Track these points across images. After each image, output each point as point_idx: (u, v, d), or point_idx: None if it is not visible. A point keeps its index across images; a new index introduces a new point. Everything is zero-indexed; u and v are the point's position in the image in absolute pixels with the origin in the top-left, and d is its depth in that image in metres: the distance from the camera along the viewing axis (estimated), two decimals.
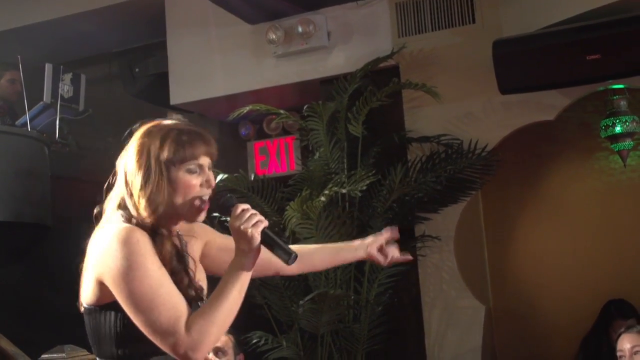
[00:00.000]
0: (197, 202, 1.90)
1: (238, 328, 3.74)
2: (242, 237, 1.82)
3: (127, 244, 1.77)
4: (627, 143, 4.74)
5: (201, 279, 1.99)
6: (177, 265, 1.87)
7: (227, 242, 2.04)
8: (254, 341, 4.41)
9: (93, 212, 2.00)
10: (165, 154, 1.87)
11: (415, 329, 4.81)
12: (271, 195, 4.68)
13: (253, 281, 4.72)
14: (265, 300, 4.62)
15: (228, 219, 1.85)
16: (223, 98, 5.51)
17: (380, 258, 2.32)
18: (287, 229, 4.24)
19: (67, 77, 5.87)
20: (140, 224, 1.84)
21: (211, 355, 3.38)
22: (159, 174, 1.86)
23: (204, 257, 2.10)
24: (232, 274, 1.82)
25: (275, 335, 4.53)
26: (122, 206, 1.89)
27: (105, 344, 1.85)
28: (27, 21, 5.98)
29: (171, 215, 1.90)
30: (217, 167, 4.81)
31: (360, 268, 4.58)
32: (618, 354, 3.06)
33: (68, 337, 3.67)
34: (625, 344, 3.02)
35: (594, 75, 4.20)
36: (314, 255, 2.30)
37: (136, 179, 1.87)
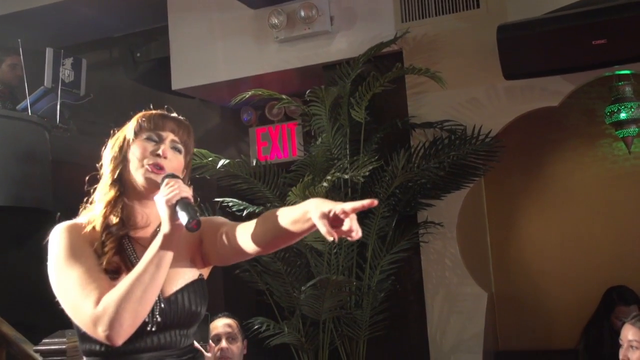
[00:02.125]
0: (146, 167, 1.90)
1: (240, 314, 3.75)
2: (161, 209, 1.80)
3: (52, 239, 1.86)
4: (632, 130, 4.72)
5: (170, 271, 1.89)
6: (107, 244, 1.86)
7: (212, 225, 1.99)
8: (256, 327, 4.40)
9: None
10: (131, 125, 1.97)
11: (418, 316, 4.80)
12: (273, 181, 4.65)
13: (254, 267, 4.73)
14: (267, 286, 4.61)
15: (229, 203, 1.83)
16: (225, 83, 5.48)
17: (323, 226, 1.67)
18: None
19: (68, 61, 5.84)
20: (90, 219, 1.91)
21: (224, 342, 3.39)
22: (121, 142, 1.96)
23: (206, 250, 1.99)
24: (150, 249, 1.79)
25: (277, 322, 4.53)
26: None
27: (83, 341, 1.89)
28: (29, 5, 5.96)
29: (132, 187, 1.93)
30: (218, 153, 4.82)
31: (363, 254, 4.57)
32: (620, 341, 3.04)
33: (69, 322, 3.66)
34: (627, 333, 3.00)
35: (600, 61, 4.16)
36: (268, 235, 1.89)
37: (106, 159, 1.98)
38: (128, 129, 1.98)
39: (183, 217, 1.75)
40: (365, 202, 1.66)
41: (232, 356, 3.39)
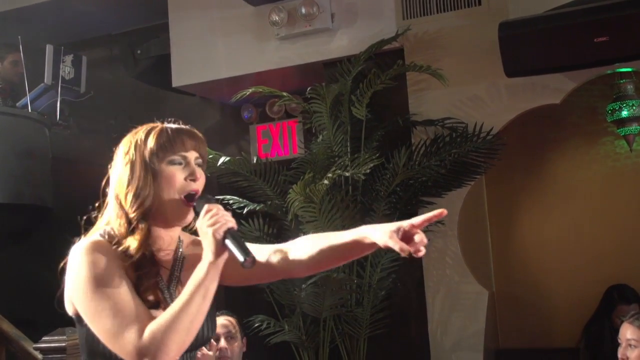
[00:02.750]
0: (181, 198, 1.83)
1: (240, 312, 3.74)
2: (204, 239, 1.74)
3: (87, 254, 1.74)
4: (634, 127, 4.71)
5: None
6: (145, 273, 1.79)
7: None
8: (256, 325, 4.40)
9: (94, 195, 1.96)
10: (148, 147, 1.83)
11: (419, 314, 4.79)
12: (274, 179, 4.65)
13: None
14: (268, 284, 4.60)
15: (230, 201, 1.81)
16: (225, 80, 5.47)
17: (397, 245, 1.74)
18: (290, 213, 4.22)
19: (68, 58, 5.83)
20: (115, 236, 1.80)
21: (223, 342, 3.38)
22: (143, 167, 1.82)
23: (226, 276, 1.92)
24: (195, 279, 1.73)
25: (277, 319, 4.52)
26: (106, 221, 1.87)
27: (82, 353, 1.83)
28: (29, 2, 5.94)
29: (159, 213, 1.84)
30: (219, 150, 4.81)
31: None
32: (618, 340, 3.04)
33: (69, 320, 3.66)
34: (625, 332, 3.00)
35: (602, 58, 4.15)
36: (317, 257, 1.95)
37: (122, 176, 1.84)
38: (147, 148, 1.84)
39: (237, 254, 1.70)
40: (435, 213, 1.73)
41: (232, 356, 3.38)
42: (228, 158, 4.50)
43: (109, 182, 1.91)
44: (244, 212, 4.48)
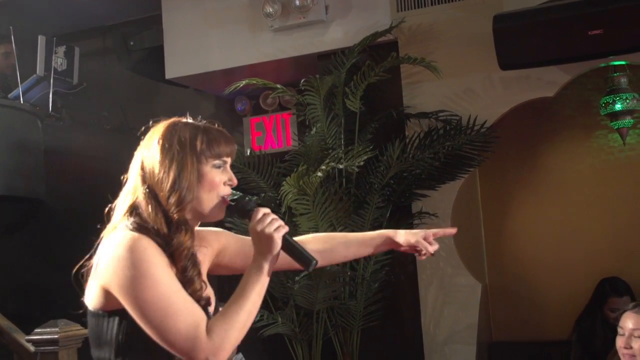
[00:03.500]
0: (220, 199, 1.86)
1: None
2: (263, 241, 1.79)
3: (134, 251, 1.69)
4: (627, 121, 4.71)
5: (208, 290, 1.89)
6: (191, 271, 1.79)
7: (240, 247, 2.06)
8: None
9: (87, 187, 1.96)
10: (198, 145, 1.83)
11: (412, 306, 4.80)
12: (267, 171, 4.64)
13: None
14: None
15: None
16: (219, 72, 5.45)
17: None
18: (283, 205, 4.21)
19: (61, 49, 5.81)
20: (152, 231, 1.76)
21: None
22: (191, 164, 1.81)
23: (216, 266, 2.04)
24: (251, 277, 1.79)
25: (270, 312, 4.52)
26: (133, 213, 1.81)
27: (105, 349, 1.78)
28: None
29: (196, 212, 1.84)
30: None
31: None
32: (619, 330, 3.01)
33: (61, 312, 3.65)
34: (627, 322, 2.97)
35: (596, 51, 4.14)
36: (335, 251, 2.21)
37: (165, 173, 1.79)
38: (190, 148, 1.82)
39: (301, 261, 1.86)
40: (451, 231, 2.39)
41: None
42: None
43: (134, 170, 1.86)
44: None
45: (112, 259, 1.70)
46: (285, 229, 1.82)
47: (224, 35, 5.40)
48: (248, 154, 4.79)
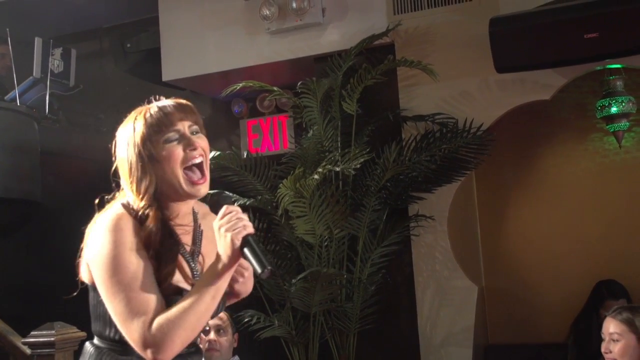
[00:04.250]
0: (186, 170, 1.84)
1: (230, 307, 3.73)
2: (222, 240, 1.74)
3: (110, 232, 1.76)
4: (623, 124, 4.73)
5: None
6: (164, 251, 1.80)
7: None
8: (246, 320, 4.40)
9: (82, 188, 1.97)
10: (139, 134, 1.84)
11: (408, 309, 4.80)
12: (264, 174, 4.64)
13: None
14: (257, 279, 4.59)
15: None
16: (216, 75, 5.45)
17: None
18: (280, 207, 4.21)
19: (58, 51, 5.80)
20: (135, 210, 1.81)
21: (213, 334, 3.38)
22: (138, 157, 1.83)
23: None
24: (208, 278, 1.75)
25: (267, 314, 4.52)
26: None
27: (98, 321, 1.85)
28: None
29: (170, 192, 1.85)
30: (210, 145, 4.77)
31: (354, 247, 4.57)
32: (602, 334, 3.07)
33: (58, 314, 3.65)
34: (608, 327, 3.04)
35: (592, 54, 4.16)
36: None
37: (123, 167, 1.87)
38: (137, 136, 1.84)
39: (255, 265, 1.70)
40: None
41: (220, 348, 3.39)
42: (218, 153, 4.49)
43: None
44: None
45: (94, 236, 1.79)
46: (248, 230, 1.74)
47: (221, 38, 5.40)
48: (245, 156, 4.79)
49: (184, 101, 1.94)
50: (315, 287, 4.21)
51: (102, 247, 1.75)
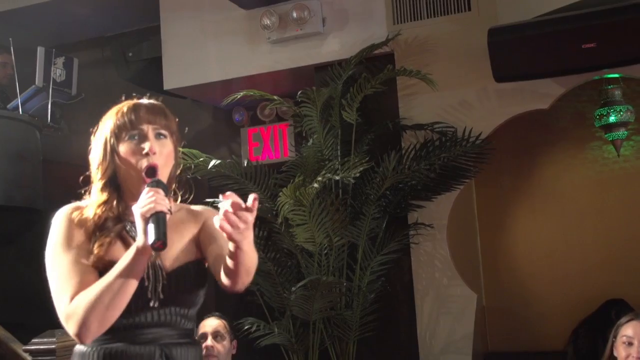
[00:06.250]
0: (133, 172, 1.91)
1: (230, 314, 3.75)
2: (136, 218, 1.79)
3: (54, 221, 1.94)
4: (621, 133, 4.75)
5: (169, 258, 1.94)
6: (103, 226, 1.90)
7: (213, 228, 2.00)
8: (246, 327, 4.41)
9: (84, 196, 2.03)
10: (109, 128, 1.95)
11: (408, 317, 4.81)
12: (264, 182, 4.66)
13: None
14: (257, 286, 4.61)
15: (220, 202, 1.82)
16: (217, 83, 5.48)
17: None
18: (279, 215, 4.23)
19: (60, 60, 5.83)
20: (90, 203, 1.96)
21: (210, 340, 3.40)
22: (103, 146, 1.95)
23: (200, 244, 2.05)
24: (122, 258, 1.80)
25: (267, 322, 4.53)
26: None
27: None
28: (21, 4, 5.93)
29: (126, 189, 1.96)
30: (210, 153, 4.82)
31: (353, 255, 4.58)
32: (623, 339, 3.04)
33: (59, 322, 3.66)
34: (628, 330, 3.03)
35: (589, 64, 4.19)
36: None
37: (91, 154, 1.99)
38: (106, 129, 1.96)
39: (150, 234, 1.74)
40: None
41: (218, 355, 3.39)
42: (219, 161, 4.51)
43: None
44: None
45: None
46: (157, 209, 1.75)
47: (222, 47, 5.44)
48: (245, 164, 4.81)
49: (157, 103, 2.03)
50: (315, 295, 4.22)
51: (50, 234, 1.92)
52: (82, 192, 2.03)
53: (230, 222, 1.65)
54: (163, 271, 1.90)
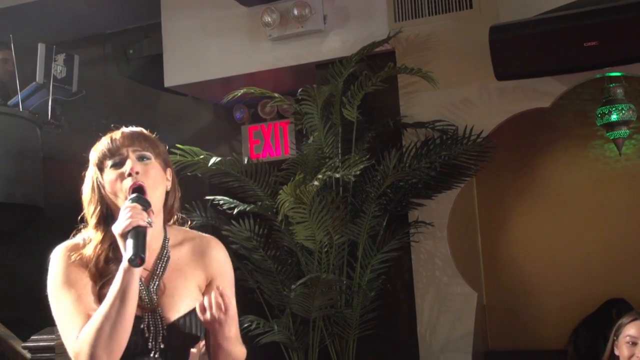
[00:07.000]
0: (121, 196, 1.86)
1: None
2: (117, 238, 1.78)
3: (54, 259, 1.88)
4: (623, 131, 4.74)
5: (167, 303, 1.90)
6: (105, 269, 1.86)
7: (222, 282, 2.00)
8: (246, 325, 4.40)
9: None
10: (92, 162, 1.91)
11: (408, 315, 4.81)
12: (265, 180, 4.65)
13: (245, 265, 4.72)
14: (258, 284, 4.61)
15: (220, 201, 1.81)
16: (217, 81, 5.48)
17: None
18: (280, 213, 4.23)
19: (60, 57, 5.84)
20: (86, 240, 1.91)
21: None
22: (90, 182, 1.92)
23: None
24: (114, 283, 1.76)
25: (267, 320, 4.53)
26: None
27: None
28: (21, 0, 5.92)
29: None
30: (211, 150, 4.82)
31: (354, 253, 4.58)
32: (625, 338, 3.03)
33: None
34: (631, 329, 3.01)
35: (591, 63, 4.18)
36: None
37: (85, 200, 1.94)
38: (91, 164, 1.92)
39: (128, 250, 1.71)
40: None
41: None
42: (219, 158, 4.50)
43: None
44: (235, 212, 4.49)
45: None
46: (133, 225, 1.74)
47: (223, 44, 5.43)
48: (246, 162, 4.81)
49: (137, 129, 1.97)
50: (315, 292, 4.22)
51: (50, 272, 1.88)
52: (80, 227, 1.97)
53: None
54: (163, 322, 1.86)
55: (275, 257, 4.61)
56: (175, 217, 2.02)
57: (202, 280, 1.98)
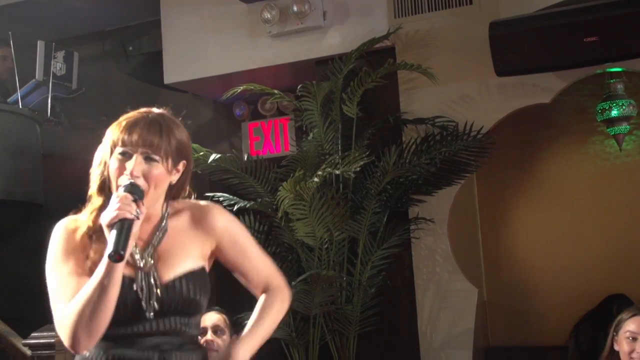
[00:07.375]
0: (116, 188, 1.87)
1: (231, 309, 3.74)
2: (103, 227, 1.79)
3: (52, 235, 1.92)
4: (623, 127, 4.73)
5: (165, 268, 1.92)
6: (90, 253, 1.88)
7: (233, 241, 2.07)
8: (246, 322, 4.39)
9: (84, 191, 2.00)
10: (110, 138, 1.90)
11: (408, 311, 4.81)
12: (264, 176, 4.65)
13: None
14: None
15: (220, 198, 1.82)
16: (217, 77, 5.47)
17: None
18: (280, 210, 4.23)
19: (60, 54, 5.83)
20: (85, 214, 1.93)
21: (210, 335, 3.39)
22: (103, 160, 1.93)
23: (219, 256, 2.07)
24: (98, 269, 1.77)
25: None
26: None
27: None
28: None
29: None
30: (211, 147, 4.81)
31: (354, 250, 4.58)
32: (625, 334, 3.03)
33: None
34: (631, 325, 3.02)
35: (592, 58, 4.17)
36: None
37: (94, 164, 1.96)
38: (107, 138, 1.91)
39: (110, 244, 1.71)
40: None
41: (218, 349, 3.39)
42: (219, 155, 4.50)
43: None
44: (235, 209, 4.49)
45: None
46: (120, 216, 1.74)
47: (223, 41, 5.42)
48: (246, 159, 4.80)
49: (157, 119, 1.92)
50: (316, 289, 4.22)
51: (49, 245, 1.91)
52: (82, 206, 1.98)
53: None
54: (158, 282, 1.87)
55: (275, 254, 4.60)
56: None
57: (205, 245, 2.00)
